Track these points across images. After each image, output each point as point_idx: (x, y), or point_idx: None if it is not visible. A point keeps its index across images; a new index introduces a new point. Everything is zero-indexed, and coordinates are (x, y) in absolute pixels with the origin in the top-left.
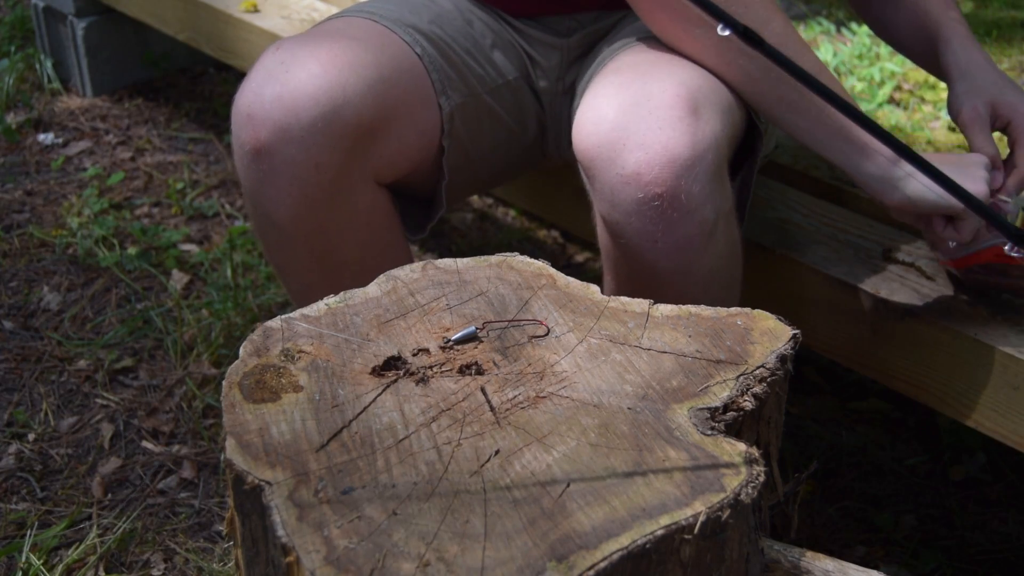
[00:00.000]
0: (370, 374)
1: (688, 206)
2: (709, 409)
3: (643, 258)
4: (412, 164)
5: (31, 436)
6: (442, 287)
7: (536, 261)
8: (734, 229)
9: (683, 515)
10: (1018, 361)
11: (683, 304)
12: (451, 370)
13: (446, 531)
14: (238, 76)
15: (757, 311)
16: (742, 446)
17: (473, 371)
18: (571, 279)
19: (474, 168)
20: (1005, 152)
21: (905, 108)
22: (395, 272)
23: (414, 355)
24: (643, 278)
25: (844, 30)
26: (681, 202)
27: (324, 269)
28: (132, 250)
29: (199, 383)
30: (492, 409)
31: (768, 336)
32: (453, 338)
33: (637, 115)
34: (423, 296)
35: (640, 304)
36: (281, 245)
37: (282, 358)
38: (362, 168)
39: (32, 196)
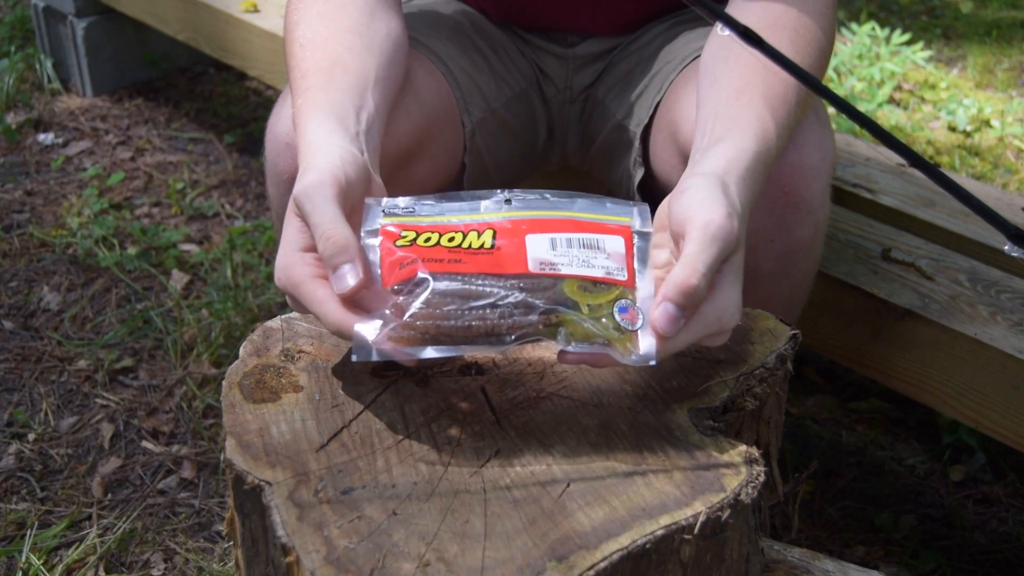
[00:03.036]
0: (370, 374)
1: (809, 207)
2: (709, 409)
3: (748, 259)
4: (439, 183)
5: (31, 436)
6: None
7: None
8: (824, 237)
9: (683, 515)
10: (1018, 361)
11: (769, 309)
12: (451, 370)
13: (446, 531)
14: (238, 76)
15: (757, 311)
16: (742, 446)
17: (473, 371)
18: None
19: (490, 181)
20: None
21: (905, 108)
22: None
23: None
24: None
25: (844, 30)
26: (805, 202)
27: None
28: (132, 250)
29: (199, 383)
30: (492, 409)
31: (768, 336)
32: None
33: None
34: None
35: None
36: None
37: (282, 358)
38: (397, 192)
39: (32, 196)
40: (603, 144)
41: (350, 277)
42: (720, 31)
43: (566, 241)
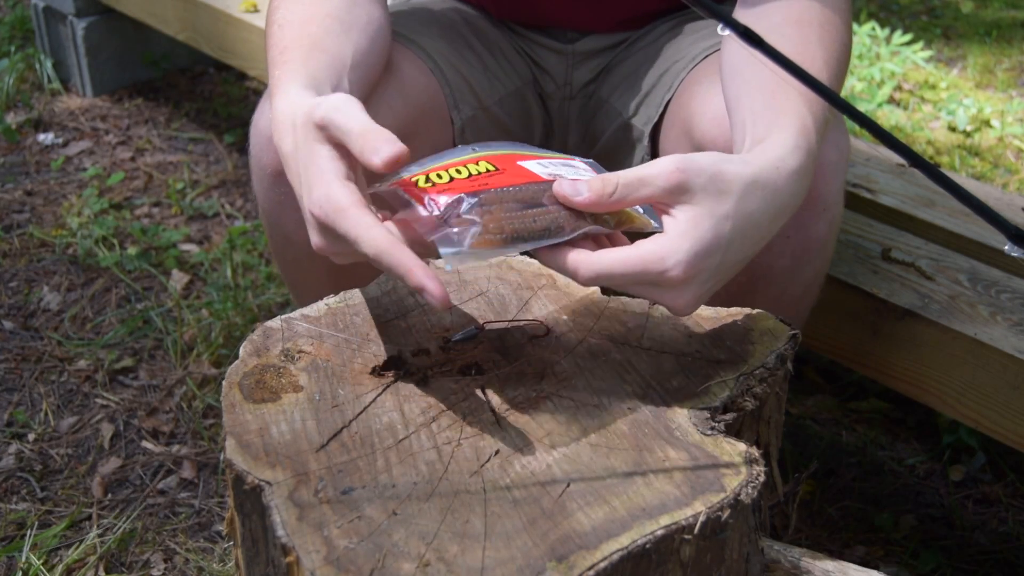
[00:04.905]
0: (370, 374)
1: (825, 204)
2: (709, 409)
3: (762, 256)
4: None
5: (31, 436)
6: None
7: (536, 261)
8: (837, 236)
9: (683, 515)
10: (1018, 361)
11: (780, 308)
12: (451, 370)
13: (446, 531)
14: (238, 76)
15: (757, 311)
16: (742, 446)
17: (473, 371)
18: (571, 279)
19: None
20: None
21: (905, 108)
22: None
23: (414, 355)
24: (748, 279)
25: None
26: (822, 198)
27: (339, 286)
28: (132, 250)
29: (199, 383)
30: (492, 409)
31: (768, 336)
32: (453, 338)
33: None
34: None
35: (640, 304)
36: (298, 263)
37: (282, 358)
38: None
39: (32, 196)
40: (608, 143)
41: (395, 148)
42: (720, 31)
43: (548, 163)
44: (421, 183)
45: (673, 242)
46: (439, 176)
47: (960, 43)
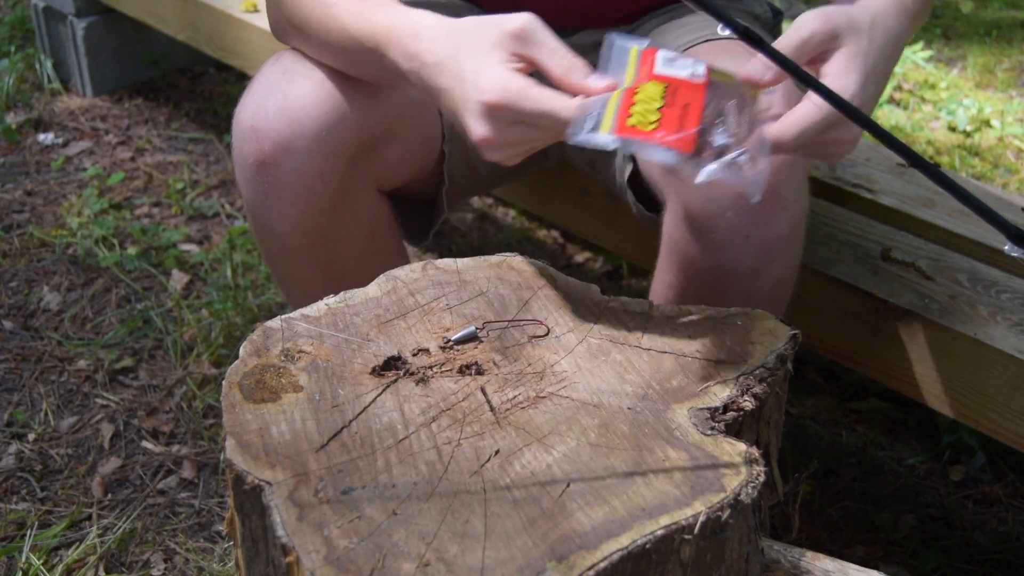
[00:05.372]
0: (370, 374)
1: (784, 202)
2: (709, 409)
3: (725, 256)
4: (414, 170)
5: (31, 436)
6: (442, 287)
7: (536, 261)
8: (804, 232)
9: (683, 515)
10: (1018, 361)
11: (751, 304)
12: (451, 370)
13: (446, 531)
14: (238, 76)
15: (757, 311)
16: (742, 446)
17: (473, 371)
18: (571, 279)
19: (475, 172)
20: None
21: (905, 108)
22: (395, 272)
23: (414, 355)
24: (715, 277)
25: None
26: (780, 197)
27: (326, 278)
28: (132, 250)
29: (199, 383)
30: (492, 409)
31: (768, 336)
32: (453, 338)
33: None
34: (423, 296)
35: (640, 304)
36: (284, 256)
37: (282, 358)
38: (365, 177)
39: (32, 196)
40: None
41: (601, 81)
42: (720, 31)
43: (666, 63)
44: (642, 126)
45: (844, 78)
46: (646, 109)
47: (960, 43)
